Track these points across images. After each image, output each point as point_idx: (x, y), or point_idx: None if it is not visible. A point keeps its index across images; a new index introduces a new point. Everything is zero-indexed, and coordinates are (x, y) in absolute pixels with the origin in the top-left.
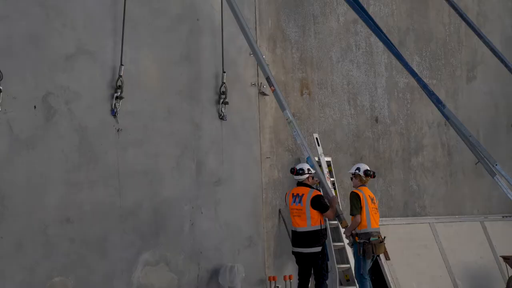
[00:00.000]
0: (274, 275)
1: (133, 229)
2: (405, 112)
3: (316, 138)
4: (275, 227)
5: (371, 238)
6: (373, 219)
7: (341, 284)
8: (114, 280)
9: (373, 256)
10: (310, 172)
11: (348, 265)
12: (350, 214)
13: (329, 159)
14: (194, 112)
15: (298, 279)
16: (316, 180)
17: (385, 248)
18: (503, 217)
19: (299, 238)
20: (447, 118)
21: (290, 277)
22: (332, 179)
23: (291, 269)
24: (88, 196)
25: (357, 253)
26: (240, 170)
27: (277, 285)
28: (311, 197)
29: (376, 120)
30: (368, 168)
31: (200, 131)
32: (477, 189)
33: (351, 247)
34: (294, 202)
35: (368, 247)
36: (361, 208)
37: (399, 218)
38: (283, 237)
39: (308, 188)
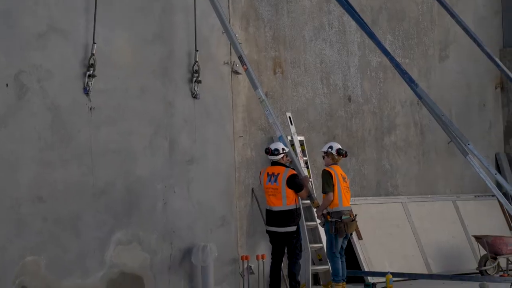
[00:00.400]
0: (247, 254)
1: (106, 208)
2: (378, 91)
3: (289, 117)
4: (248, 206)
5: (343, 217)
6: (345, 198)
7: (313, 263)
8: (87, 259)
9: (346, 235)
10: (284, 151)
11: (320, 245)
12: (322, 192)
13: (302, 138)
14: (167, 90)
15: (271, 258)
16: (288, 159)
17: (357, 227)
18: (475, 196)
19: (274, 217)
20: (419, 97)
21: (262, 257)
22: (305, 158)
23: (264, 248)
24: (60, 175)
25: (329, 231)
26: (213, 149)
27: (249, 264)
28: (287, 177)
29: (349, 99)
30: (341, 147)
31: (173, 110)
32: (450, 168)
33: (322, 227)
34: (269, 181)
35: (340, 225)
36: (333, 186)
37: (371, 197)
38: (256, 216)
39: (283, 168)
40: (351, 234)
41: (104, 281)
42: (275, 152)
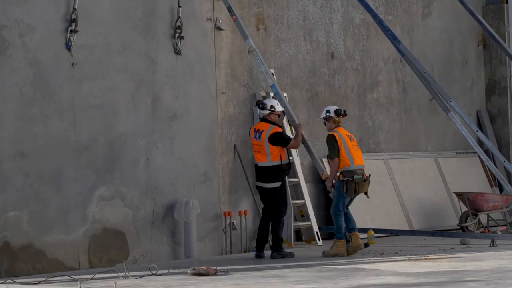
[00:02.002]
0: (229, 210)
1: (88, 164)
2: (361, 48)
3: (272, 74)
4: (230, 163)
5: (355, 177)
6: (356, 156)
7: (295, 219)
8: (69, 214)
9: (356, 195)
10: (272, 109)
11: (303, 201)
12: (329, 158)
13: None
14: (149, 46)
15: (261, 213)
16: (279, 119)
17: (367, 188)
18: (456, 153)
19: (259, 173)
20: (402, 54)
21: (245, 213)
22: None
23: (246, 204)
24: (42, 130)
25: (339, 189)
26: (196, 105)
27: (232, 220)
28: (269, 134)
29: (332, 56)
30: (338, 108)
31: (155, 66)
32: (432, 125)
33: (332, 197)
34: (255, 137)
35: (351, 185)
36: (338, 149)
37: None
38: (239, 172)
39: (268, 124)
40: (365, 193)
41: (86, 236)
42: (261, 105)
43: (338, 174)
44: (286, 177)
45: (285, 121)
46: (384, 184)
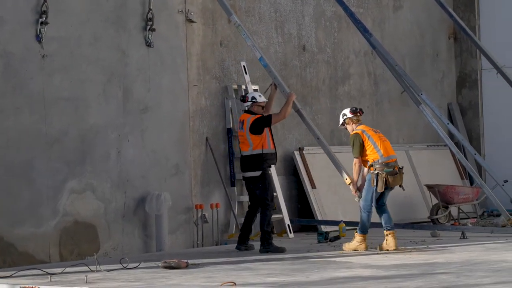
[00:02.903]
0: (201, 203)
1: (59, 157)
2: (332, 41)
3: (244, 66)
4: (202, 155)
5: (385, 170)
6: (384, 147)
7: None
8: (40, 207)
9: (386, 188)
10: (254, 100)
11: (274, 194)
12: (354, 157)
13: (256, 87)
14: (121, 38)
15: (248, 206)
16: (261, 108)
17: (401, 180)
18: (427, 146)
19: (243, 162)
20: (373, 47)
21: (216, 205)
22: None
23: (218, 197)
24: (13, 123)
25: (370, 182)
26: (167, 97)
27: (203, 213)
28: (250, 123)
29: (303, 49)
30: (351, 107)
31: (126, 58)
32: (403, 118)
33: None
34: (239, 128)
35: (382, 179)
36: (363, 146)
37: None
38: (210, 165)
39: (249, 115)
40: (400, 185)
41: (57, 229)
42: (242, 98)
43: (365, 169)
44: (269, 169)
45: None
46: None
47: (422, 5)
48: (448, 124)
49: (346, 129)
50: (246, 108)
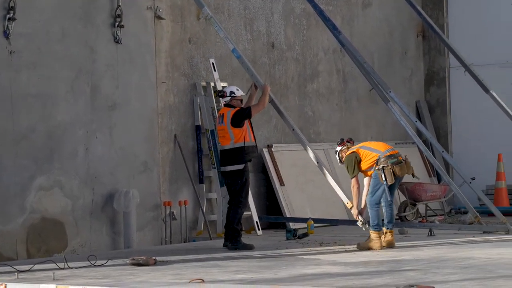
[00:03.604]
0: (169, 200)
1: (27, 153)
2: (301, 38)
3: (212, 63)
4: (170, 152)
5: (389, 161)
6: (378, 145)
7: None
8: (7, 205)
9: (396, 179)
10: (233, 95)
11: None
12: (351, 179)
13: (225, 84)
14: (89, 35)
15: (228, 202)
16: (240, 101)
17: (409, 169)
18: (395, 143)
19: (223, 157)
20: (342, 44)
21: (185, 203)
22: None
23: (186, 194)
24: None
25: (376, 179)
26: (136, 94)
27: (172, 210)
28: (231, 116)
29: (272, 46)
30: (340, 141)
31: (95, 55)
32: (371, 115)
33: (364, 228)
34: (218, 123)
35: (389, 170)
36: (358, 167)
37: (294, 144)
38: (179, 162)
39: (228, 108)
40: (412, 175)
41: (25, 226)
42: (220, 93)
43: (371, 169)
44: (249, 166)
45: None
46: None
47: (391, 3)
48: (416, 121)
49: (343, 158)
50: (225, 103)
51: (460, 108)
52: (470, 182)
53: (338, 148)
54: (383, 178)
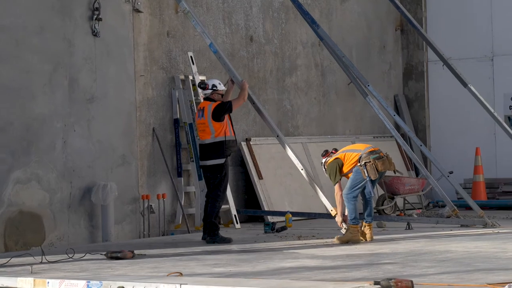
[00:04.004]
0: (147, 193)
1: (4, 146)
2: (280, 32)
3: (191, 57)
4: (149, 146)
5: (371, 156)
6: (359, 146)
7: None
8: None
9: (378, 174)
10: (214, 88)
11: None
12: (334, 186)
13: (203, 77)
14: (67, 28)
15: (205, 196)
16: (221, 94)
17: (391, 165)
18: (374, 137)
19: (204, 151)
20: (321, 38)
21: (163, 196)
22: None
23: (165, 187)
24: None
25: (357, 174)
26: (114, 88)
27: (150, 203)
28: (212, 110)
29: (251, 40)
30: (327, 150)
31: (72, 48)
32: (350, 109)
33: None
34: (198, 116)
35: (371, 166)
36: (340, 169)
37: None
38: (157, 155)
39: (209, 102)
40: (394, 171)
41: (2, 220)
42: (202, 85)
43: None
44: (229, 161)
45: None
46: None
47: None
48: (394, 115)
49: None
50: (205, 96)
51: (438, 102)
52: (448, 176)
53: (323, 160)
54: (366, 174)
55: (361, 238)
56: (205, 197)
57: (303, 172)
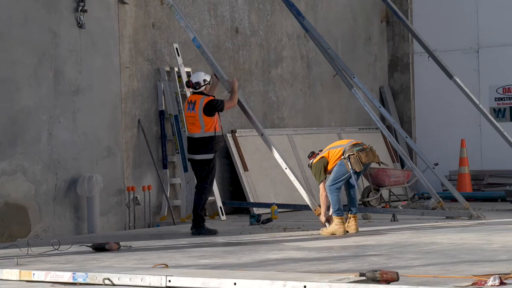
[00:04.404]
0: (133, 185)
1: None
2: (265, 24)
3: (176, 48)
4: (134, 138)
5: (355, 149)
6: (342, 142)
7: None
8: None
9: (363, 165)
10: (206, 82)
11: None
12: (319, 185)
13: (189, 69)
14: (52, 19)
15: (195, 187)
16: (210, 87)
17: (375, 157)
18: (359, 129)
19: (192, 144)
20: (306, 30)
21: (149, 188)
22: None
23: (150, 179)
24: None
25: (341, 166)
26: (99, 79)
27: (136, 195)
28: (204, 104)
29: (236, 31)
30: (313, 151)
31: (58, 39)
32: (335, 101)
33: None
34: (188, 109)
35: (355, 158)
36: (325, 168)
37: None
38: (143, 147)
39: (201, 95)
40: (378, 163)
41: None
42: (196, 86)
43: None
44: (217, 154)
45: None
46: (287, 160)
47: None
48: (380, 107)
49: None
50: (193, 92)
51: (423, 94)
52: (433, 168)
53: (310, 161)
54: (350, 167)
55: (346, 229)
56: (194, 188)
57: (287, 171)
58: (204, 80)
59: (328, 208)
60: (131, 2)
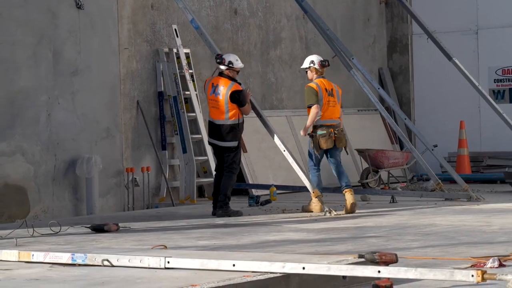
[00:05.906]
0: (132, 166)
1: None
2: (264, 5)
3: (175, 29)
4: (133, 119)
5: (318, 132)
6: (327, 111)
7: (198, 176)
8: None
9: (322, 151)
10: (231, 65)
11: (205, 157)
12: (307, 107)
13: (187, 50)
14: (51, 0)
15: (215, 170)
16: (233, 73)
17: (341, 142)
18: (358, 110)
19: (215, 130)
20: (305, 11)
21: (147, 169)
22: (190, 71)
23: (149, 161)
24: None
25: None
26: (98, 60)
27: (134, 176)
28: (230, 91)
29: (235, 12)
30: (322, 59)
31: (56, 20)
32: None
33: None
34: (213, 92)
35: (315, 141)
36: (317, 95)
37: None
38: (141, 128)
39: (228, 81)
40: (344, 148)
41: None
42: (219, 60)
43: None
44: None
45: (188, 77)
46: (286, 141)
47: None
48: (378, 88)
49: (306, 73)
50: (220, 71)
51: (422, 75)
52: (433, 149)
53: (316, 66)
54: (311, 146)
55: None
56: (214, 170)
57: (285, 153)
58: (230, 62)
59: (308, 129)
60: None
